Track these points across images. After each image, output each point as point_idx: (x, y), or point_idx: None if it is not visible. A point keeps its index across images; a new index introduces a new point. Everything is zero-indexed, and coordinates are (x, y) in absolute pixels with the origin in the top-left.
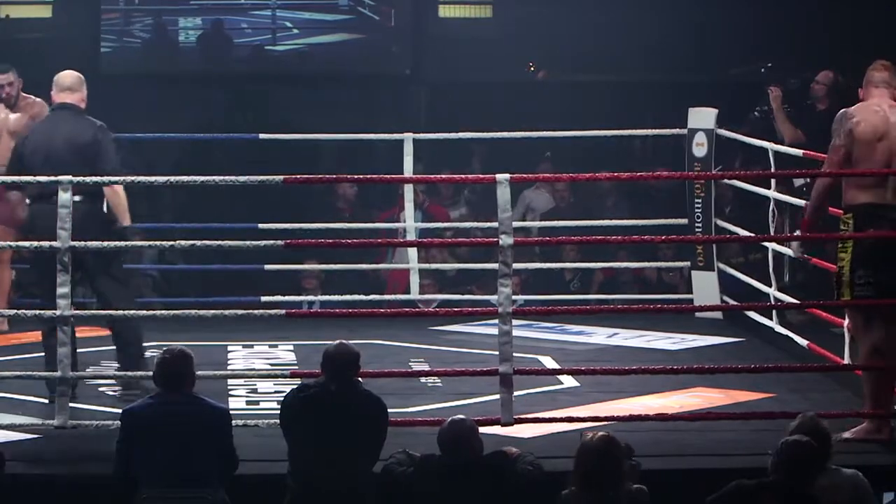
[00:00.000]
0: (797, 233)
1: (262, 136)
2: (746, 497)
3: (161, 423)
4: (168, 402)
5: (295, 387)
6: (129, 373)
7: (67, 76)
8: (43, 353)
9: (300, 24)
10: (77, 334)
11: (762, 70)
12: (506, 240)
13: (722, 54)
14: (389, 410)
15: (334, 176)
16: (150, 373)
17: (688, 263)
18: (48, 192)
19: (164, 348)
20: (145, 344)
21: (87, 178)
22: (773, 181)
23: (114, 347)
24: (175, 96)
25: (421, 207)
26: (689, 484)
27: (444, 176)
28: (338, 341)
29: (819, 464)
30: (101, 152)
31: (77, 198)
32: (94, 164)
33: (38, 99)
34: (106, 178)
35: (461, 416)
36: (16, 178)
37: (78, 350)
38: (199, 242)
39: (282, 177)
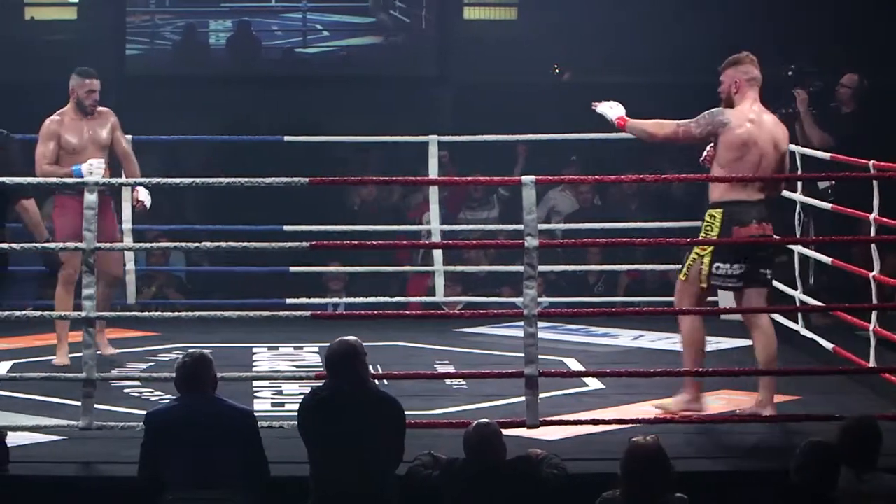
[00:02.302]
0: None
1: (286, 138)
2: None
3: (184, 425)
4: (190, 405)
5: (309, 391)
6: (154, 374)
7: None
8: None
9: (330, 27)
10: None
11: (788, 73)
12: (531, 242)
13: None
14: (414, 413)
15: (359, 178)
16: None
17: None
18: None
19: (185, 352)
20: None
21: (114, 180)
22: (799, 184)
23: (139, 349)
24: (203, 98)
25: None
26: (715, 486)
27: (469, 178)
28: (337, 339)
29: (856, 465)
30: (8, 160)
31: None
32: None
33: (106, 108)
34: (143, 180)
35: (486, 420)
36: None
37: (99, 352)
38: (224, 244)
39: (307, 178)
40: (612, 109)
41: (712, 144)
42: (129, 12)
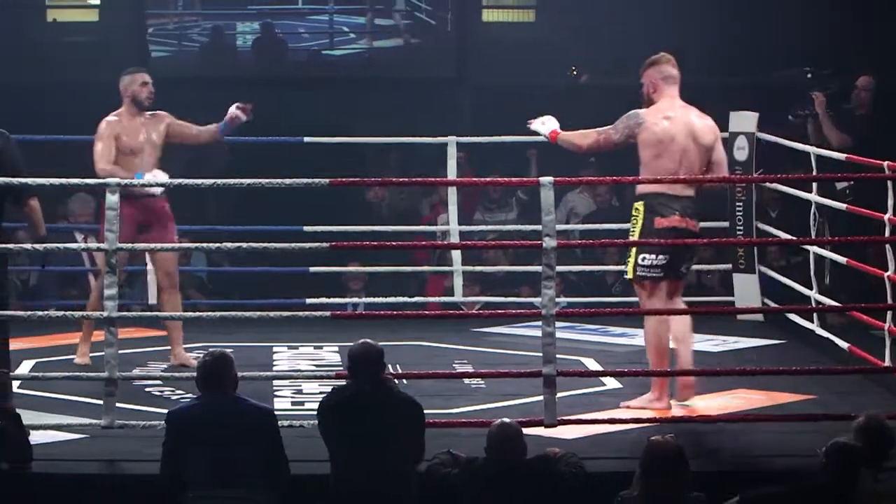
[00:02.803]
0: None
1: (306, 139)
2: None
3: (204, 424)
4: (211, 404)
5: (329, 391)
6: (175, 374)
7: None
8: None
9: (357, 29)
10: (122, 335)
11: (808, 75)
12: (549, 242)
13: (763, 58)
14: (433, 412)
15: (379, 179)
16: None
17: (729, 266)
18: None
19: (206, 352)
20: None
21: (169, 182)
22: (814, 185)
23: (160, 348)
24: (230, 99)
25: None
26: (731, 485)
27: (487, 179)
28: (361, 340)
29: (872, 465)
30: (7, 160)
31: None
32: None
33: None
34: (165, 181)
35: (507, 419)
36: (72, 181)
37: (123, 351)
38: (245, 245)
39: (327, 179)
40: (544, 125)
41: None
42: (156, 14)
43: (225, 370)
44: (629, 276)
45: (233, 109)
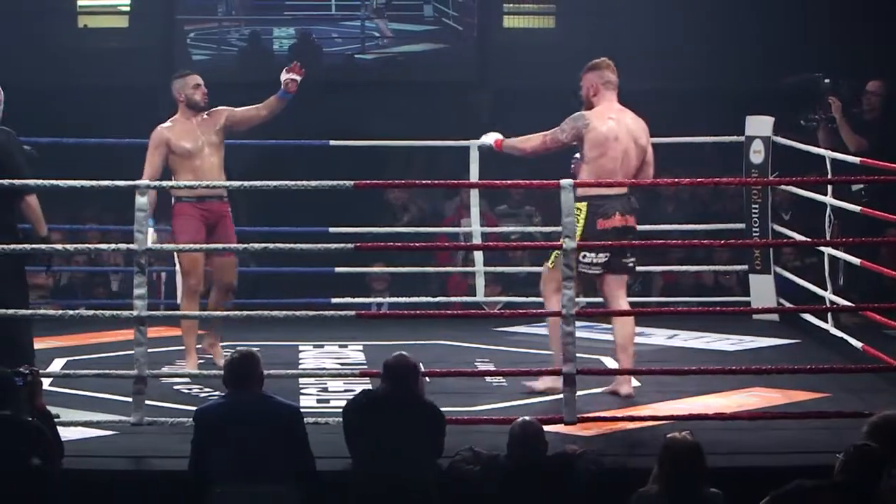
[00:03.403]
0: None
1: (332, 142)
2: (805, 496)
3: (231, 421)
4: (238, 402)
5: (358, 392)
6: (203, 371)
7: None
8: (119, 353)
9: (387, 34)
10: (152, 334)
11: (825, 80)
12: (569, 243)
13: (775, 63)
14: (455, 409)
15: (403, 181)
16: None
17: (745, 267)
18: None
19: (234, 350)
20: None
21: (227, 183)
22: (829, 187)
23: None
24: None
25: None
26: (748, 482)
27: (509, 181)
28: (398, 353)
29: (891, 461)
30: (10, 162)
31: None
32: (3, 173)
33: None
34: (193, 183)
35: (528, 418)
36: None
37: (152, 350)
38: (271, 245)
39: (352, 182)
40: (487, 137)
41: (577, 155)
42: (197, 19)
43: (252, 368)
44: (550, 265)
45: (285, 75)
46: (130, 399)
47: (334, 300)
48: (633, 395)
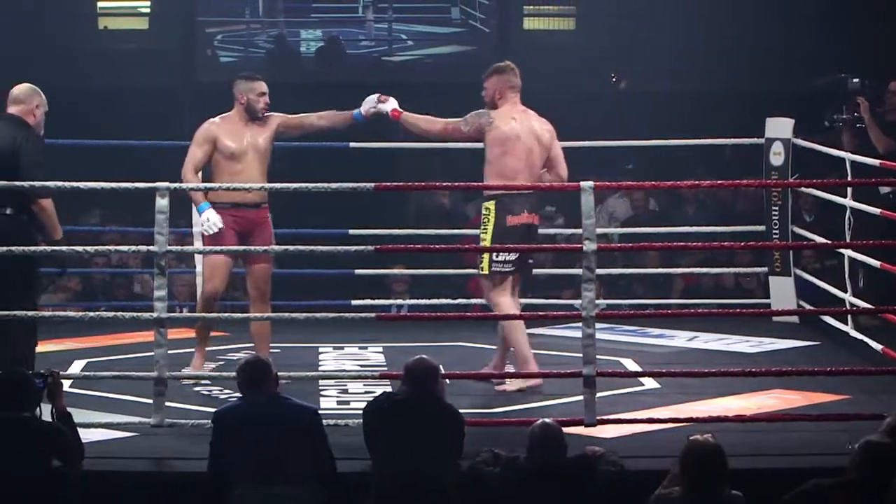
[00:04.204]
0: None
1: (352, 144)
2: (822, 496)
3: (249, 423)
4: (255, 404)
5: (379, 394)
6: (224, 373)
7: (18, 88)
8: (139, 354)
9: (414, 37)
10: (172, 336)
11: (853, 80)
12: (589, 245)
13: (797, 64)
14: (475, 411)
15: (423, 183)
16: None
17: (765, 269)
18: None
19: (242, 356)
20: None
21: (246, 186)
22: (849, 189)
23: (208, 349)
24: (293, 105)
25: None
26: (768, 483)
27: (529, 184)
28: (418, 356)
29: None
30: (21, 163)
31: (9, 210)
32: (17, 174)
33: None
34: (215, 185)
35: (548, 420)
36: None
37: (172, 351)
38: (292, 247)
39: (372, 184)
40: (385, 104)
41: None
42: (221, 22)
43: (265, 371)
44: (484, 272)
45: (374, 104)
46: (150, 401)
47: (354, 302)
48: (524, 390)
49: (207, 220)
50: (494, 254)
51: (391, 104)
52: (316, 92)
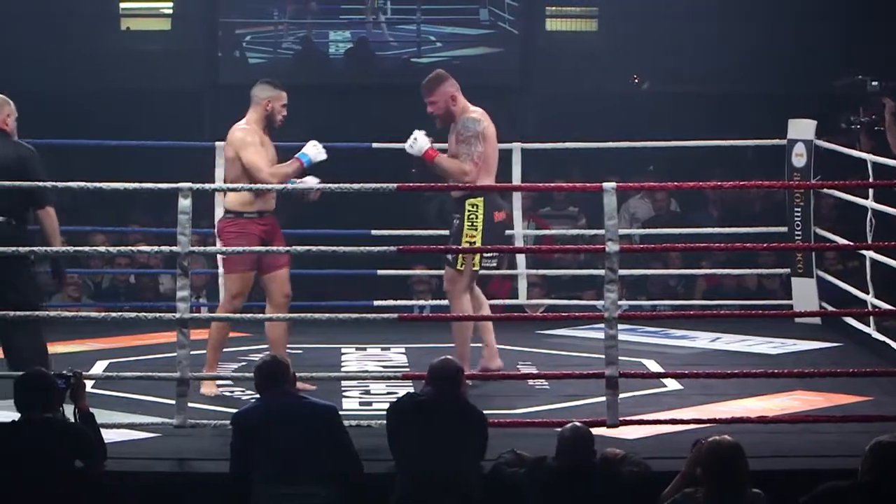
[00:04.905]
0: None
1: (374, 145)
2: (838, 498)
3: (268, 424)
4: (273, 404)
5: (403, 395)
6: (246, 374)
7: None
8: (162, 355)
9: (443, 38)
10: (194, 336)
11: (873, 83)
12: (612, 246)
13: (817, 66)
14: (498, 412)
15: (446, 184)
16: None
17: (787, 270)
18: None
19: (260, 356)
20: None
21: (270, 185)
22: (871, 191)
23: (230, 349)
24: (322, 106)
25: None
26: (790, 485)
27: (552, 184)
28: (442, 357)
29: None
30: (29, 172)
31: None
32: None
33: None
34: (237, 186)
35: (578, 423)
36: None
37: (195, 352)
38: (314, 248)
39: (395, 184)
40: (416, 142)
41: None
42: (250, 23)
43: (282, 370)
44: (476, 267)
45: (311, 183)
46: (173, 401)
47: (377, 303)
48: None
49: (317, 150)
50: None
51: (422, 144)
52: (345, 93)
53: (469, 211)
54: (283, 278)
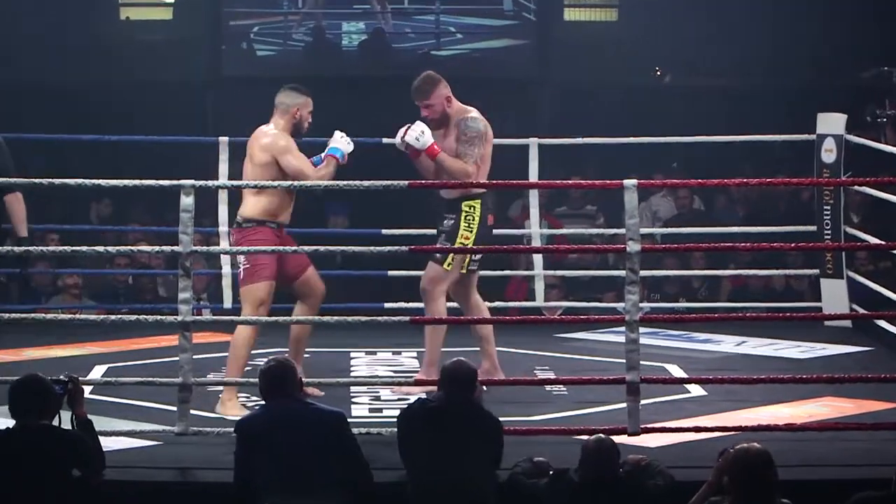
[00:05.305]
0: None
1: (384, 140)
2: None
3: (273, 431)
4: (279, 411)
5: (414, 400)
6: (250, 379)
7: None
8: (163, 359)
9: (464, 30)
10: (196, 340)
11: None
12: (633, 246)
13: (842, 58)
14: (514, 419)
15: (459, 181)
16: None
17: (816, 271)
18: None
19: (266, 359)
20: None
21: (276, 183)
22: None
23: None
24: (334, 100)
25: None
26: (819, 495)
27: (570, 181)
28: (456, 359)
29: None
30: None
31: None
32: None
33: None
34: (240, 183)
35: (603, 435)
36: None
37: (197, 356)
38: (322, 248)
39: (406, 181)
40: (422, 136)
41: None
42: (262, 13)
43: (289, 375)
44: (464, 269)
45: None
46: (175, 408)
47: (388, 305)
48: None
49: (346, 141)
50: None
51: (427, 138)
52: (358, 87)
53: (465, 212)
54: (313, 279)
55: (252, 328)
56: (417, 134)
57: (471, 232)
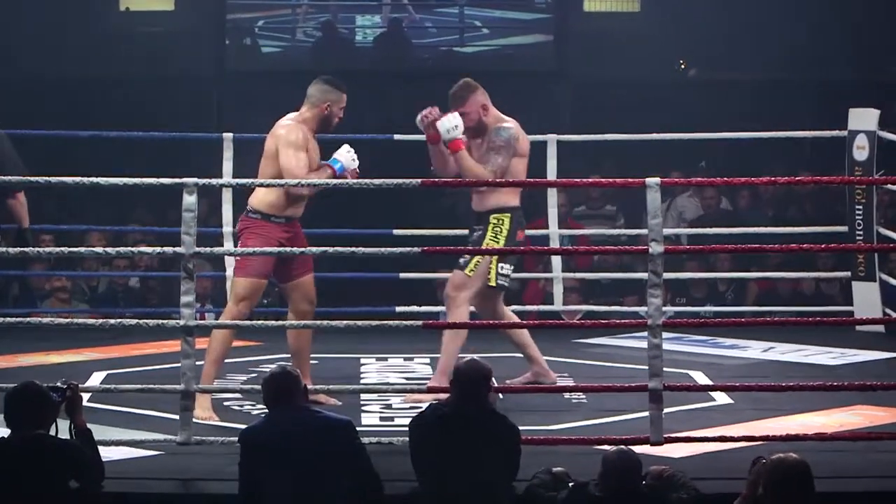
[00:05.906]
0: None
1: (396, 137)
2: None
3: (279, 442)
4: (284, 420)
5: (426, 407)
6: (256, 386)
7: None
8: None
9: (491, 24)
10: (200, 346)
11: None
12: (656, 248)
13: (870, 53)
14: (532, 428)
15: (473, 180)
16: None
17: (848, 274)
18: None
19: (269, 368)
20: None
21: (281, 182)
22: None
23: (240, 359)
24: (349, 97)
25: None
26: None
27: (591, 180)
28: (468, 357)
29: None
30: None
31: None
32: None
33: None
34: (245, 181)
35: (625, 447)
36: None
37: (200, 362)
38: (331, 249)
39: (419, 180)
40: (456, 129)
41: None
42: (269, 6)
43: (293, 383)
44: (491, 283)
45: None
46: (177, 416)
47: (399, 309)
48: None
49: (351, 157)
50: (501, 266)
51: (458, 131)
52: (374, 83)
53: (493, 224)
54: (308, 285)
55: (240, 315)
56: (451, 126)
57: (497, 242)
